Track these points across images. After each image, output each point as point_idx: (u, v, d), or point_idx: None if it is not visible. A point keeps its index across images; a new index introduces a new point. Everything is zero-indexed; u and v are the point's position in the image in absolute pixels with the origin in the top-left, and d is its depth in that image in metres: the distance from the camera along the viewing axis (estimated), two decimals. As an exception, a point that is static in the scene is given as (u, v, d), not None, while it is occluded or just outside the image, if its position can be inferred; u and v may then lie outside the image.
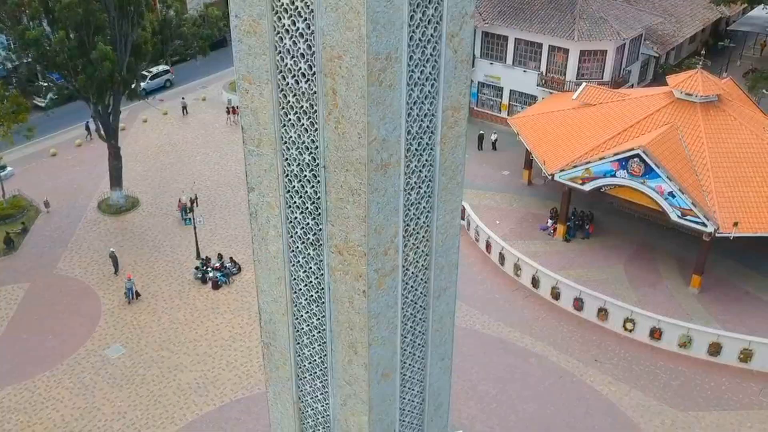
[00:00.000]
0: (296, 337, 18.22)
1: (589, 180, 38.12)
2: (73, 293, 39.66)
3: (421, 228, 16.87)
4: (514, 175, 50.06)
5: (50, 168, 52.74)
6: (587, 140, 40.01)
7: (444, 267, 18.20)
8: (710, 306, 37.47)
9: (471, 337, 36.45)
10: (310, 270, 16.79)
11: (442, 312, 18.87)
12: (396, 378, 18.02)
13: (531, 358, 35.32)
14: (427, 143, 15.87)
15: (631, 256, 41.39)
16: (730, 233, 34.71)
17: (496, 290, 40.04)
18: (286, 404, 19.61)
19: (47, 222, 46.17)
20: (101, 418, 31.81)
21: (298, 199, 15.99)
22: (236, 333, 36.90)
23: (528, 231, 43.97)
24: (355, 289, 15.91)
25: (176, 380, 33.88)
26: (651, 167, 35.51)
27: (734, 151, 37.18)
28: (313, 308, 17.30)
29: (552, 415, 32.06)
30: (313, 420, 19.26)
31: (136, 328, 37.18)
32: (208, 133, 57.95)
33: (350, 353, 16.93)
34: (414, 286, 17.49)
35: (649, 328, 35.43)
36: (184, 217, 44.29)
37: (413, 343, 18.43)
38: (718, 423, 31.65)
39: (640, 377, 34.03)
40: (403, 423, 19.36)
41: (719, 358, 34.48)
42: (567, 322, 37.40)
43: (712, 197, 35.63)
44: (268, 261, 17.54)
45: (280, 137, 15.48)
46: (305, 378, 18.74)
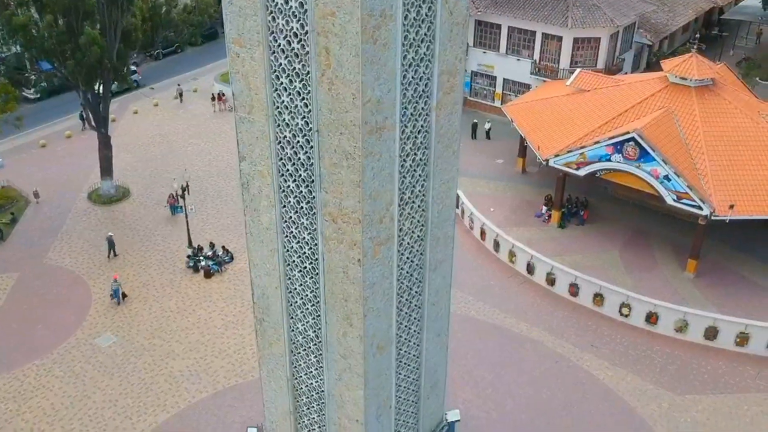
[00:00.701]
0: (290, 311, 17.85)
1: (584, 165, 37.86)
2: (63, 283, 39.16)
3: (416, 197, 16.52)
4: (508, 164, 49.80)
5: (40, 159, 52.16)
6: (582, 126, 39.76)
7: (440, 239, 17.87)
8: (706, 290, 37.27)
9: (466, 324, 36.14)
10: (304, 240, 16.42)
11: (438, 285, 18.54)
12: (392, 352, 17.68)
13: (527, 343, 35.04)
14: (422, 108, 15.53)
15: (626, 242, 41.17)
16: (726, 216, 34.52)
17: (490, 277, 39.74)
18: (280, 382, 19.23)
19: (37, 212, 45.62)
20: (92, 406, 31.34)
21: (290, 166, 15.62)
22: (229, 321, 36.47)
23: (522, 218, 43.68)
24: (349, 258, 15.55)
25: (168, 368, 33.44)
26: (646, 151, 35.27)
27: (729, 135, 37.00)
28: (307, 280, 16.94)
29: (548, 399, 31.78)
30: (308, 397, 18.89)
31: (127, 317, 36.71)
32: (199, 123, 57.47)
33: (345, 325, 16.57)
34: (410, 258, 17.15)
35: (645, 313, 35.20)
36: (174, 213, 43.63)
37: (409, 316, 18.09)
38: (715, 406, 31.43)
39: (637, 362, 33.79)
40: (399, 399, 19.01)
41: (716, 343, 34.26)
42: (562, 308, 37.13)
43: (707, 180, 35.43)
44: (260, 233, 17.16)
45: (272, 102, 15.11)
46: (299, 354, 18.37)
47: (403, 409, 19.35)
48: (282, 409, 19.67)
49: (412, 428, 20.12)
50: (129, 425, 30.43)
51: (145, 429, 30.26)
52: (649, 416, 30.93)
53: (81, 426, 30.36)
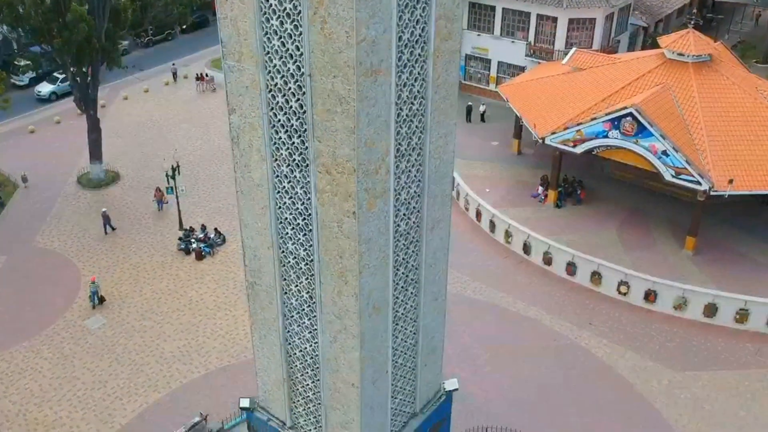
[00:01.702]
0: (282, 272, 17.27)
1: (581, 142, 37.34)
2: (52, 266, 38.43)
3: (413, 150, 15.96)
4: (503, 146, 49.26)
5: (28, 144, 51.36)
6: (578, 104, 39.25)
7: (438, 197, 17.32)
8: (705, 268, 36.82)
9: (462, 303, 35.58)
10: (296, 195, 15.83)
11: (435, 246, 18.00)
12: (388, 313, 17.11)
13: (524, 322, 34.52)
14: (419, 54, 14.95)
15: (623, 221, 40.68)
16: (725, 191, 34.06)
17: (486, 257, 39.21)
18: (273, 348, 18.65)
19: (25, 197, 44.85)
20: (81, 387, 30.67)
21: (282, 116, 15.03)
22: (221, 302, 35.83)
23: (518, 198, 43.15)
24: (344, 211, 14.97)
25: (159, 349, 32.78)
26: (644, 126, 34.77)
27: (728, 111, 36.54)
28: (300, 237, 16.35)
29: (546, 377, 31.26)
30: (302, 362, 18.31)
31: (117, 298, 36.03)
32: (190, 108, 56.77)
33: (340, 283, 16.00)
34: (406, 215, 16.59)
35: (644, 291, 34.72)
36: (160, 208, 42.66)
37: (406, 277, 17.53)
38: (715, 382, 30.99)
39: (636, 339, 33.32)
40: (396, 365, 18.45)
41: (715, 320, 33.82)
42: (560, 288, 36.63)
43: (706, 156, 34.97)
44: (251, 190, 16.58)
45: (262, 47, 14.51)
46: (292, 317, 17.79)
47: (399, 375, 18.79)
48: (275, 377, 19.09)
49: (409, 395, 19.57)
50: (119, 406, 29.78)
51: (135, 410, 29.62)
52: (648, 393, 30.46)
53: (70, 407, 29.69)
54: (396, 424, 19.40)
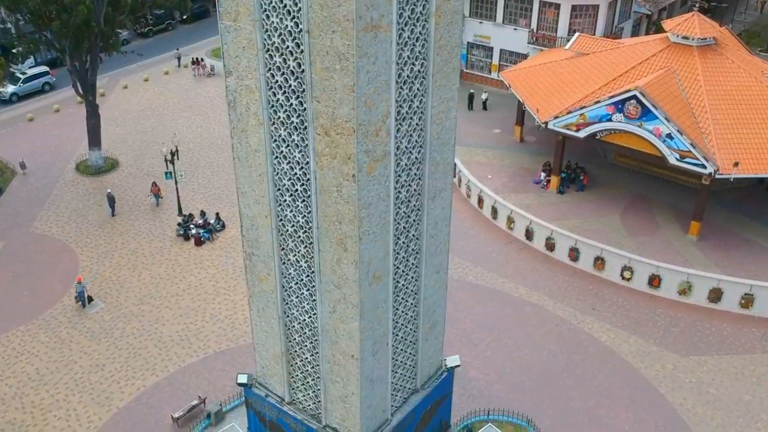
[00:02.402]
0: (281, 241, 16.89)
1: (584, 126, 36.91)
2: (50, 251, 38.06)
3: (414, 113, 15.57)
4: (505, 133, 48.83)
5: (27, 132, 50.98)
6: (581, 88, 38.82)
7: (439, 164, 16.93)
8: (710, 253, 36.39)
9: (463, 289, 35.19)
10: (295, 160, 15.45)
11: (437, 216, 17.61)
12: (389, 283, 16.73)
13: (526, 307, 34.11)
14: (420, 13, 14.55)
15: (627, 207, 40.25)
16: (730, 174, 33.62)
17: (488, 243, 38.79)
18: (271, 321, 18.27)
19: (23, 183, 44.47)
20: (78, 371, 30.30)
21: (279, 76, 14.64)
22: (220, 287, 35.45)
23: (521, 185, 42.73)
24: (343, 175, 14.59)
25: (157, 333, 32.41)
26: (648, 109, 34.34)
27: (733, 94, 36.11)
28: (299, 204, 15.97)
29: (549, 361, 30.86)
30: (300, 335, 17.93)
31: (115, 283, 35.65)
32: (190, 98, 56.35)
33: (339, 251, 15.61)
34: (407, 181, 16.20)
35: (648, 276, 34.30)
36: (158, 203, 41.57)
37: (407, 247, 17.14)
38: (720, 367, 30.57)
39: (639, 324, 32.90)
40: (396, 338, 18.07)
41: (720, 305, 33.39)
42: (562, 273, 36.21)
43: (711, 139, 34.53)
44: (248, 156, 16.20)
45: (259, 4, 14.12)
46: (291, 288, 17.40)
47: (400, 348, 18.41)
48: (273, 351, 18.72)
49: (410, 370, 19.19)
50: (116, 389, 29.41)
51: (133, 393, 29.24)
52: (653, 377, 30.05)
53: (66, 390, 29.32)
54: (397, 399, 19.03)
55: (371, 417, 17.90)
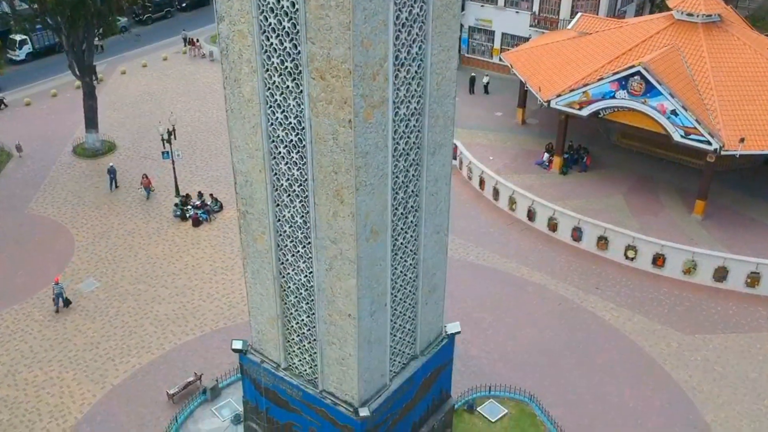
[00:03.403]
0: (275, 197, 16.35)
1: (587, 104, 36.34)
2: (45, 231, 37.56)
3: (413, 60, 15.02)
4: (507, 116, 48.26)
5: (24, 116, 50.51)
6: (584, 67, 38.25)
7: (439, 117, 16.37)
8: (715, 232, 35.82)
9: (465, 268, 34.64)
10: (290, 108, 14.90)
11: (437, 173, 17.05)
12: (387, 239, 16.17)
13: (528, 286, 33.56)
14: (419, -50, 14.00)
15: (631, 187, 39.68)
16: (736, 151, 33.04)
17: (490, 224, 38.23)
18: (266, 283, 17.73)
19: (19, 166, 43.99)
20: (72, 349, 29.78)
21: (273, 18, 14.09)
22: (217, 267, 34.93)
23: (523, 166, 42.17)
24: (339, 121, 14.04)
25: (153, 312, 31.89)
26: (652, 85, 33.77)
27: (739, 70, 35.53)
28: (293, 156, 15.42)
29: (551, 339, 30.31)
30: (296, 296, 17.38)
31: (111, 263, 35.14)
32: (188, 83, 55.85)
33: (335, 203, 15.06)
34: (406, 133, 15.65)
35: (652, 255, 33.73)
36: (149, 197, 40.16)
37: (405, 203, 16.59)
38: (726, 345, 30.01)
39: (644, 303, 32.34)
40: (395, 299, 17.51)
41: (725, 284, 32.83)
42: (565, 253, 35.66)
43: (716, 115, 33.95)
44: (241, 107, 15.65)
45: (251, -59, 13.58)
46: (286, 246, 16.86)
47: (399, 311, 17.86)
48: (269, 314, 18.17)
49: (409, 335, 18.64)
50: (111, 367, 28.90)
51: (128, 370, 28.73)
52: (658, 355, 29.49)
53: (60, 368, 28.82)
54: (395, 364, 18.48)
55: (369, 381, 17.36)
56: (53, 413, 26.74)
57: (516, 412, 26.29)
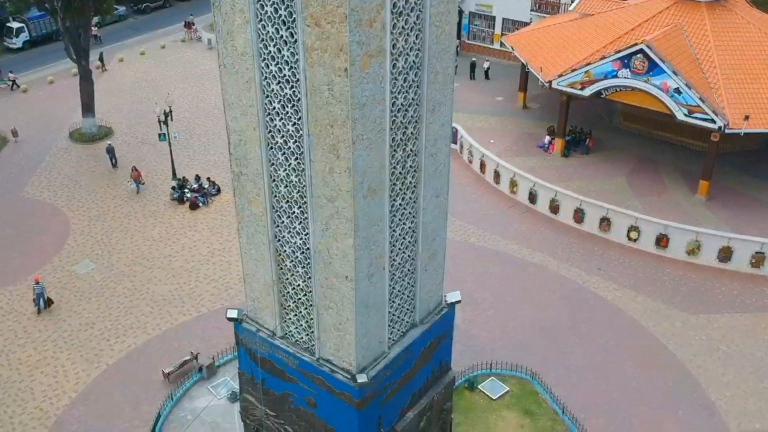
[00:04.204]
0: (270, 155, 15.87)
1: (589, 84, 35.88)
2: (41, 214, 37.15)
3: (412, 10, 14.54)
4: (508, 101, 47.81)
5: (21, 102, 50.12)
6: (586, 47, 37.80)
7: (439, 73, 15.88)
8: (719, 212, 35.36)
9: (465, 250, 34.19)
10: (284, 59, 14.42)
11: (436, 133, 16.55)
12: (384, 199, 15.68)
13: (529, 267, 33.10)
14: None
15: (633, 169, 39.22)
16: (740, 129, 32.56)
17: (491, 207, 37.77)
18: (261, 248, 17.24)
19: (15, 150, 43.57)
20: (66, 329, 29.35)
21: (266, -36, 13.62)
22: (215, 249, 34.50)
23: (524, 149, 41.72)
24: (335, 70, 13.55)
25: (149, 293, 31.46)
26: (655, 63, 33.30)
27: (743, 49, 35.08)
28: (288, 110, 14.94)
29: (553, 319, 29.86)
30: (292, 260, 16.90)
31: (107, 245, 34.71)
32: (186, 70, 55.43)
33: (331, 159, 14.58)
34: (404, 87, 15.17)
35: (655, 236, 33.26)
36: (139, 190, 38.82)
37: (404, 163, 16.11)
38: (732, 324, 29.55)
39: (647, 284, 31.88)
40: (394, 263, 17.02)
41: (730, 265, 32.35)
42: (567, 235, 35.19)
43: (720, 93, 33.48)
44: (235, 61, 15.17)
45: None
46: (281, 208, 16.38)
47: (398, 276, 17.37)
48: (264, 280, 17.69)
49: (409, 302, 18.16)
50: (106, 347, 28.48)
51: (123, 350, 28.32)
52: (661, 335, 29.04)
53: (55, 348, 28.40)
54: (394, 332, 18.00)
55: (367, 347, 16.87)
56: (47, 392, 26.31)
57: (517, 390, 25.84)
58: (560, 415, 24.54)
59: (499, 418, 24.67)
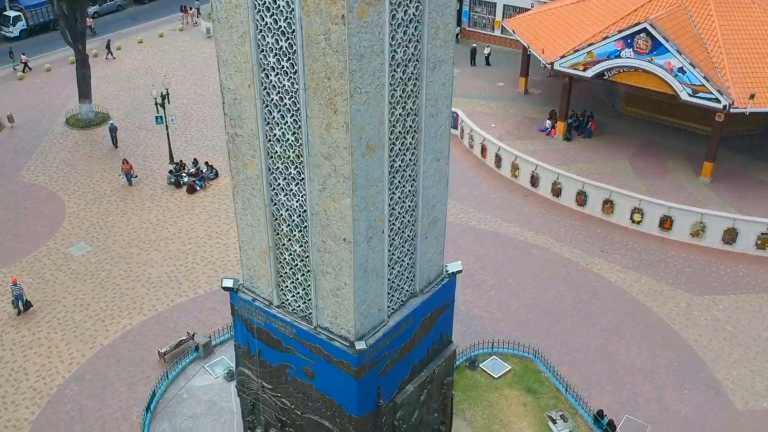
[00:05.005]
0: (265, 114, 15.39)
1: (592, 64, 35.37)
2: (37, 198, 36.66)
3: (411, -41, 14.06)
4: (509, 86, 47.27)
5: (17, 89, 49.56)
6: (588, 28, 37.27)
7: (440, 29, 15.40)
8: (723, 194, 34.84)
9: (466, 233, 33.69)
10: (279, 10, 13.94)
11: (437, 92, 16.06)
12: (383, 158, 15.20)
13: (531, 249, 32.61)
14: None
15: (636, 152, 38.70)
16: (745, 108, 32.05)
17: (492, 191, 37.26)
18: (256, 212, 16.76)
19: (11, 136, 43.06)
20: (61, 310, 28.87)
21: None
22: (212, 232, 34.02)
23: (525, 132, 41.19)
24: (332, 17, 13.07)
25: (146, 275, 30.98)
26: (659, 42, 32.80)
27: (748, 29, 34.56)
28: (284, 64, 14.45)
29: (556, 300, 29.38)
30: (288, 224, 16.41)
31: (103, 228, 34.22)
32: (184, 58, 54.89)
33: (329, 113, 14.10)
34: (404, 41, 14.68)
35: (659, 218, 32.76)
36: (131, 183, 37.55)
37: (404, 122, 15.62)
38: (737, 305, 29.06)
39: (651, 266, 31.38)
40: (393, 228, 16.54)
41: (735, 247, 31.86)
42: (569, 218, 34.69)
43: (725, 73, 32.97)
44: (229, 14, 14.70)
45: None
46: (277, 169, 15.90)
47: (398, 242, 16.88)
48: (260, 247, 17.21)
49: (408, 270, 17.67)
50: (101, 327, 28.00)
51: (118, 331, 27.84)
52: (666, 315, 28.56)
53: (49, 328, 27.92)
54: (394, 300, 17.52)
55: (366, 314, 16.38)
56: (40, 372, 25.85)
57: (520, 369, 25.35)
58: (564, 393, 24.05)
59: (501, 397, 24.18)
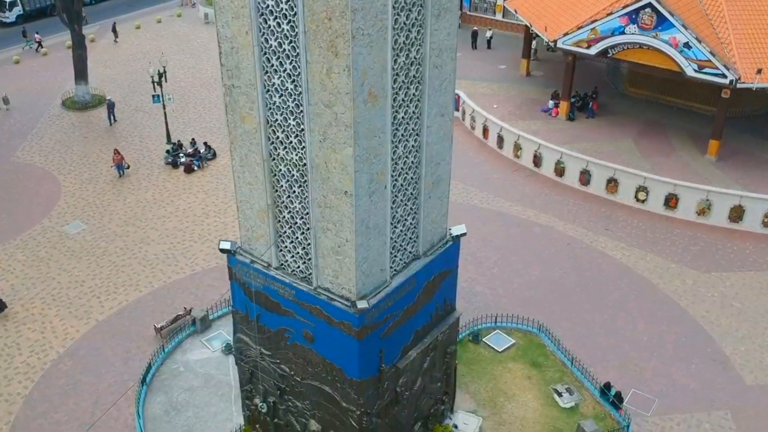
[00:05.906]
0: (263, 62, 14.82)
1: (596, 42, 34.82)
2: (32, 178, 36.12)
3: None
4: (511, 69, 46.73)
5: (13, 73, 49.01)
6: (591, 6, 36.69)
7: (444, -26, 14.85)
8: (730, 172, 34.32)
9: (468, 212, 33.09)
10: (278, -51, 13.39)
11: (441, 42, 15.51)
12: (386, 108, 14.65)
13: (534, 228, 32.07)
14: None
15: (640, 132, 38.17)
16: (752, 83, 31.51)
17: (494, 171, 36.71)
18: (254, 168, 16.20)
19: (6, 117, 42.48)
20: (56, 287, 28.32)
21: None
22: (210, 210, 33.47)
23: (527, 113, 40.66)
24: (333, -47, 12.53)
25: (142, 252, 30.43)
26: (664, 17, 32.26)
27: (754, 4, 34.01)
28: (282, 5, 13.90)
29: (560, 277, 28.84)
30: (288, 179, 15.85)
31: (99, 207, 33.67)
32: (182, 42, 54.32)
33: (329, 57, 13.54)
34: (407, -14, 14.13)
35: (664, 196, 32.22)
36: (121, 174, 35.89)
37: (407, 71, 15.08)
38: (744, 282, 28.54)
39: (656, 243, 30.85)
40: (396, 184, 15.99)
41: (741, 225, 31.32)
42: (573, 197, 34.14)
43: (731, 48, 32.43)
44: (226, -43, 14.15)
45: None
46: (276, 122, 15.34)
47: (400, 200, 16.34)
48: (258, 206, 16.65)
49: (411, 230, 17.12)
50: (96, 304, 27.47)
51: (114, 307, 27.32)
52: (672, 291, 28.03)
53: (43, 304, 27.37)
54: (396, 261, 16.97)
55: (367, 274, 15.84)
56: (33, 347, 25.31)
57: (524, 343, 24.79)
58: (569, 367, 23.50)
59: (505, 370, 23.63)
